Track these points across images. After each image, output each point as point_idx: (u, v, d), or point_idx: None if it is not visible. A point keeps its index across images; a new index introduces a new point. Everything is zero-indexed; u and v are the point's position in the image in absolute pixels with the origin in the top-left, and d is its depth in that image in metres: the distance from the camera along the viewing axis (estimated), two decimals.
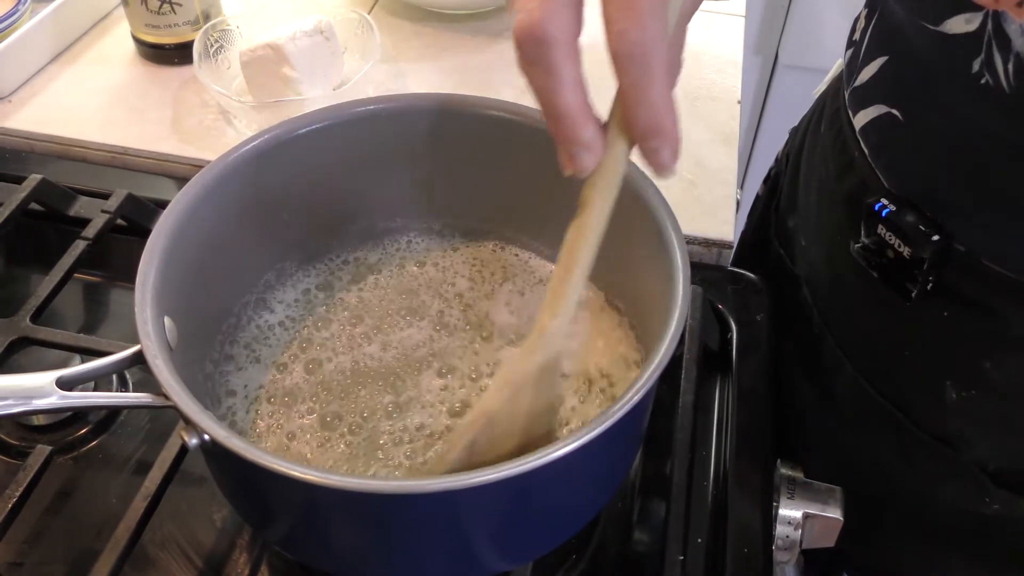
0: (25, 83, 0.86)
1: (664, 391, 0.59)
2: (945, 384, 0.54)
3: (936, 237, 0.50)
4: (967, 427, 0.55)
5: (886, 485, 0.61)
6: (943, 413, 0.55)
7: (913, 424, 0.57)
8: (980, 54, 0.44)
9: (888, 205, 0.52)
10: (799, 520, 0.54)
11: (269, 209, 0.56)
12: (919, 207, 0.51)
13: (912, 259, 0.51)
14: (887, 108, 0.53)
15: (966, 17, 0.44)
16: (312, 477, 0.38)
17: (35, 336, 0.60)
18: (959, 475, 0.56)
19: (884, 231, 0.52)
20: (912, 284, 0.52)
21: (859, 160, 0.56)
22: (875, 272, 0.54)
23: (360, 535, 0.44)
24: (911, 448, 0.57)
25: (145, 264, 0.46)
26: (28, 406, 0.43)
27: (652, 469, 0.59)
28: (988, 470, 0.54)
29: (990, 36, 0.43)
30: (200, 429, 0.40)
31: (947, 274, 0.51)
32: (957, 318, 0.52)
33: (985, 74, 0.44)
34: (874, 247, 0.53)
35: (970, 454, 0.55)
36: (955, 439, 0.55)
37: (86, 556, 0.49)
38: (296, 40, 0.78)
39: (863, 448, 0.61)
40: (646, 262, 0.50)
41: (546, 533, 0.48)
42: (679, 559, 0.51)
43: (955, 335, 0.53)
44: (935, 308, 0.53)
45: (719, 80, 0.89)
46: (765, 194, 0.78)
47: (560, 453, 0.39)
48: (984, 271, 0.49)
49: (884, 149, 0.54)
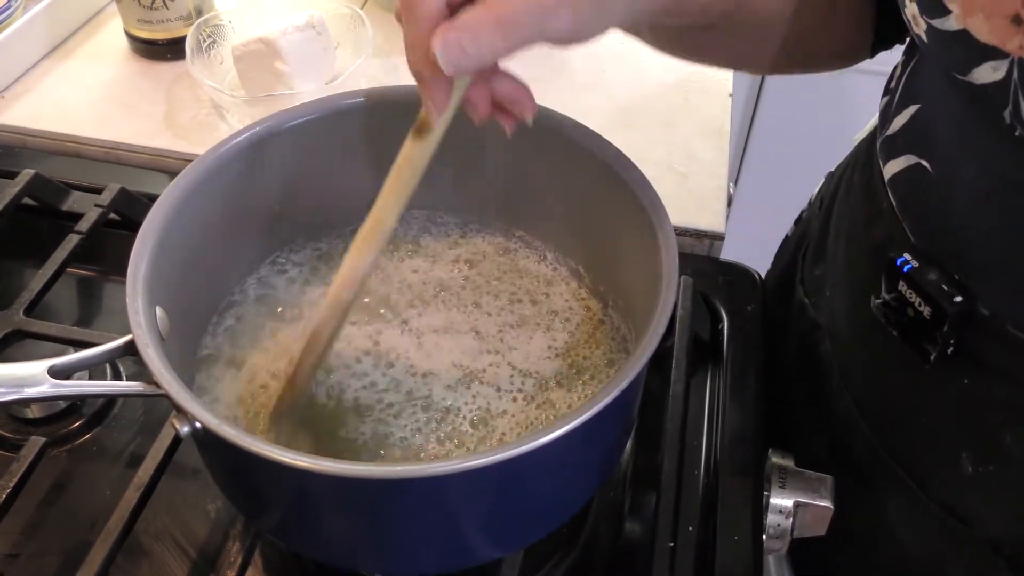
0: (18, 79, 0.86)
1: (655, 382, 0.60)
2: (961, 456, 0.51)
3: (959, 298, 0.47)
4: (982, 503, 0.51)
5: (894, 558, 0.58)
6: (958, 486, 0.52)
7: (925, 495, 0.54)
8: (1008, 104, 0.42)
9: (911, 261, 0.49)
10: (790, 509, 0.54)
11: (260, 201, 0.56)
12: (943, 265, 0.48)
13: (932, 320, 0.48)
14: (916, 159, 0.51)
15: (992, 65, 0.42)
16: (302, 463, 0.38)
17: (29, 329, 0.60)
18: (970, 554, 0.52)
19: (905, 288, 0.49)
20: (932, 346, 0.49)
21: (887, 212, 0.54)
22: (895, 331, 0.51)
23: (351, 522, 0.45)
24: (922, 520, 0.54)
25: (136, 255, 0.46)
26: (20, 394, 0.43)
27: (644, 460, 0.59)
28: (1003, 553, 0.51)
29: (1016, 85, 0.41)
30: (191, 417, 0.41)
31: (969, 338, 0.48)
32: (978, 386, 0.49)
33: (1017, 127, 0.42)
34: (895, 304, 0.50)
35: (984, 532, 0.51)
36: (969, 515, 0.52)
37: (81, 547, 0.50)
38: (288, 35, 0.79)
39: (872, 515, 0.57)
40: (636, 254, 0.51)
41: (537, 520, 0.48)
42: (669, 547, 0.52)
43: (975, 404, 0.50)
44: (955, 373, 0.50)
45: (711, 74, 0.89)
46: (795, 236, 0.74)
47: (550, 438, 0.39)
48: (1008, 337, 0.47)
49: (912, 201, 0.52)
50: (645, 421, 0.60)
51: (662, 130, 0.83)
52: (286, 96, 0.76)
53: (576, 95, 0.87)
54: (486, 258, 0.61)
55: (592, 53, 0.92)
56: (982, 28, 0.41)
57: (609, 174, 0.52)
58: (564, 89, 0.87)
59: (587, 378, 0.54)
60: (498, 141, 0.56)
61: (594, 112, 0.84)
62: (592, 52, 0.92)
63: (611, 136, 0.53)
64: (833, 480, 0.55)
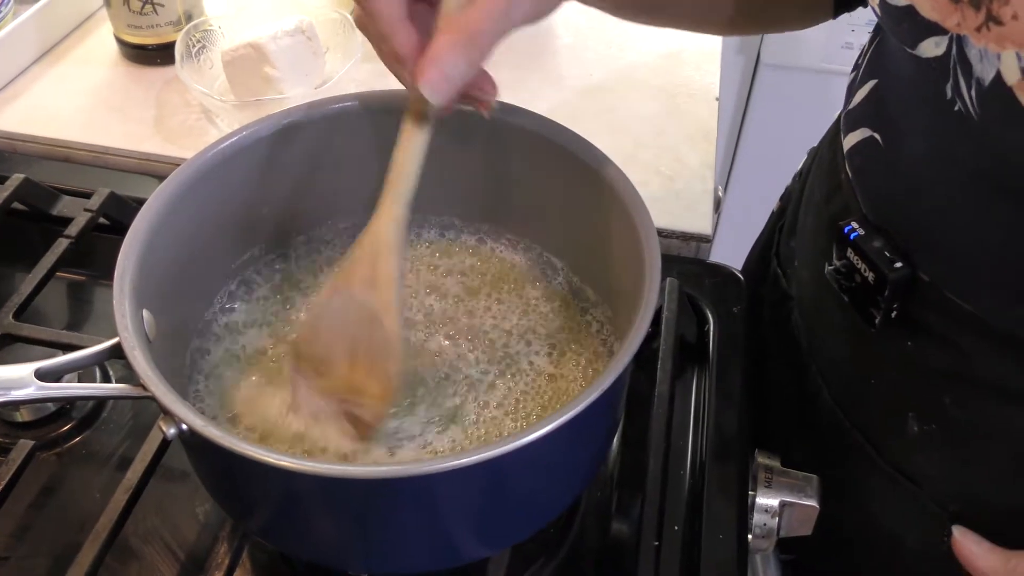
0: (8, 83, 0.86)
1: (641, 382, 0.60)
2: (908, 416, 0.53)
3: (899, 264, 0.49)
4: (928, 463, 0.54)
5: (859, 518, 0.59)
6: (906, 447, 0.54)
7: (879, 457, 0.56)
8: (949, 79, 0.43)
9: (857, 229, 0.51)
10: (776, 508, 0.55)
11: (248, 204, 0.57)
12: (888, 233, 0.51)
13: (876, 285, 0.50)
14: (871, 131, 0.53)
15: (935, 41, 0.44)
16: (288, 464, 0.39)
17: (18, 333, 0.60)
18: (922, 513, 0.54)
19: (852, 255, 0.52)
20: (876, 311, 0.51)
21: (844, 183, 0.56)
22: (845, 296, 0.54)
23: (337, 522, 0.45)
24: (879, 482, 0.57)
25: (123, 258, 0.46)
26: (7, 396, 0.43)
27: (630, 460, 0.60)
28: (950, 510, 0.53)
29: (955, 61, 0.43)
30: (178, 419, 0.41)
31: (911, 305, 0.50)
32: (920, 350, 0.51)
33: (957, 101, 0.43)
34: (844, 270, 0.53)
35: (931, 491, 0.54)
36: (917, 475, 0.54)
37: (70, 550, 0.50)
38: (278, 40, 0.79)
39: (839, 480, 0.59)
40: (620, 255, 0.51)
41: (523, 519, 0.48)
42: (654, 546, 0.52)
43: (917, 367, 0.52)
44: (899, 338, 0.52)
45: (698, 77, 0.90)
46: (778, 211, 0.77)
47: (533, 437, 0.40)
48: (947, 304, 0.49)
49: (864, 173, 0.54)
50: (631, 422, 0.60)
51: (649, 133, 0.83)
52: (275, 100, 0.77)
53: (563, 98, 0.87)
54: (471, 258, 0.61)
55: (579, 56, 0.92)
56: (925, 4, 0.43)
57: (594, 176, 0.52)
58: (551, 92, 0.88)
59: (571, 379, 0.54)
60: (483, 143, 0.57)
61: (581, 115, 0.85)
62: (579, 55, 0.92)
63: (597, 139, 0.54)
64: (819, 480, 0.55)
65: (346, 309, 0.48)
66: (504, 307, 0.58)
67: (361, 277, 0.48)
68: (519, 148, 0.56)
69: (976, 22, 0.40)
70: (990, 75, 0.41)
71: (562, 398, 0.53)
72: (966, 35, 0.41)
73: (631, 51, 0.93)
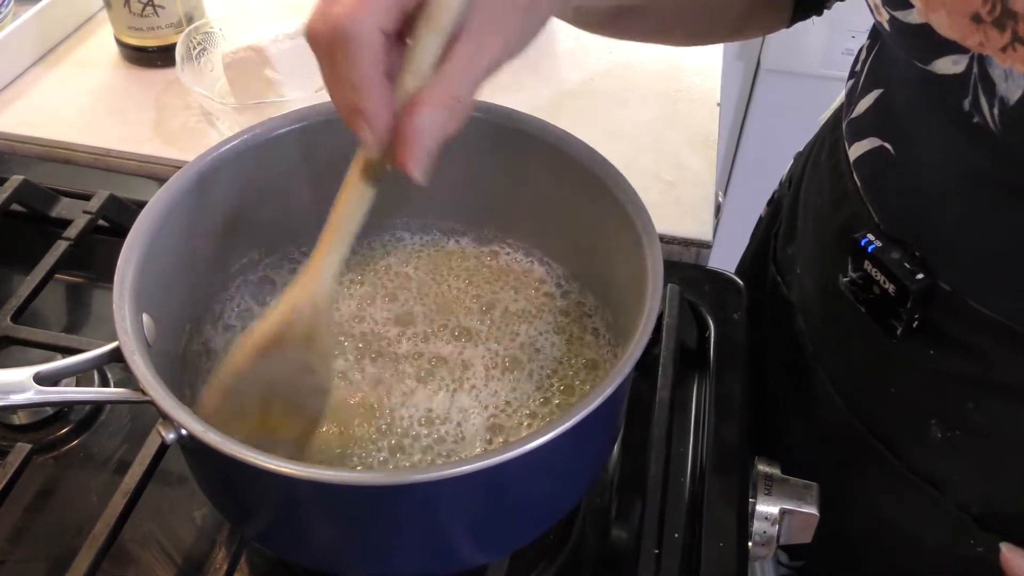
0: (8, 85, 0.86)
1: (642, 389, 0.60)
2: (930, 423, 0.53)
3: (920, 275, 0.49)
4: (951, 468, 0.54)
5: (872, 524, 0.60)
6: (928, 453, 0.54)
7: (901, 463, 0.56)
8: (968, 95, 0.43)
9: (874, 241, 0.51)
10: (776, 516, 0.55)
11: (249, 208, 0.56)
12: (906, 244, 0.50)
13: (897, 297, 0.50)
14: (880, 141, 0.53)
15: (953, 59, 0.43)
16: (287, 470, 0.39)
17: (16, 336, 0.60)
18: (944, 517, 0.54)
19: (870, 267, 0.51)
20: (897, 321, 0.51)
21: (852, 192, 0.56)
22: (862, 307, 0.53)
23: (335, 528, 0.45)
24: (898, 487, 0.56)
25: (123, 262, 0.46)
26: (6, 401, 0.43)
27: (630, 466, 0.60)
28: (972, 512, 0.53)
29: (976, 79, 0.42)
30: (177, 424, 0.41)
31: (932, 313, 0.50)
32: (942, 358, 0.51)
33: (975, 114, 0.43)
34: (861, 282, 0.53)
35: (954, 496, 0.54)
36: (940, 480, 0.54)
37: (67, 554, 0.49)
38: (278, 42, 0.79)
39: (850, 485, 0.59)
40: (622, 261, 0.51)
41: (522, 526, 0.48)
42: (654, 553, 0.52)
43: (940, 375, 0.52)
44: (921, 347, 0.52)
45: (698, 83, 0.90)
46: (768, 216, 0.77)
47: (534, 445, 0.39)
48: (969, 312, 0.49)
49: (875, 182, 0.54)
50: (632, 428, 0.60)
51: (650, 139, 0.83)
52: (276, 103, 0.77)
53: (563, 102, 0.87)
54: (472, 264, 0.61)
55: (580, 60, 0.92)
56: (943, 24, 0.43)
57: (595, 182, 0.52)
58: (552, 98, 0.88)
59: (573, 386, 0.54)
60: (484, 148, 0.57)
61: (581, 120, 0.84)
62: (580, 59, 0.92)
63: (598, 144, 0.54)
64: (819, 488, 0.55)
65: (275, 367, 0.45)
66: (505, 312, 0.58)
67: (296, 336, 0.45)
68: (520, 153, 0.56)
69: (1001, 42, 0.40)
70: (1015, 95, 0.40)
71: (563, 404, 0.53)
72: (989, 55, 0.41)
73: (632, 56, 0.93)
